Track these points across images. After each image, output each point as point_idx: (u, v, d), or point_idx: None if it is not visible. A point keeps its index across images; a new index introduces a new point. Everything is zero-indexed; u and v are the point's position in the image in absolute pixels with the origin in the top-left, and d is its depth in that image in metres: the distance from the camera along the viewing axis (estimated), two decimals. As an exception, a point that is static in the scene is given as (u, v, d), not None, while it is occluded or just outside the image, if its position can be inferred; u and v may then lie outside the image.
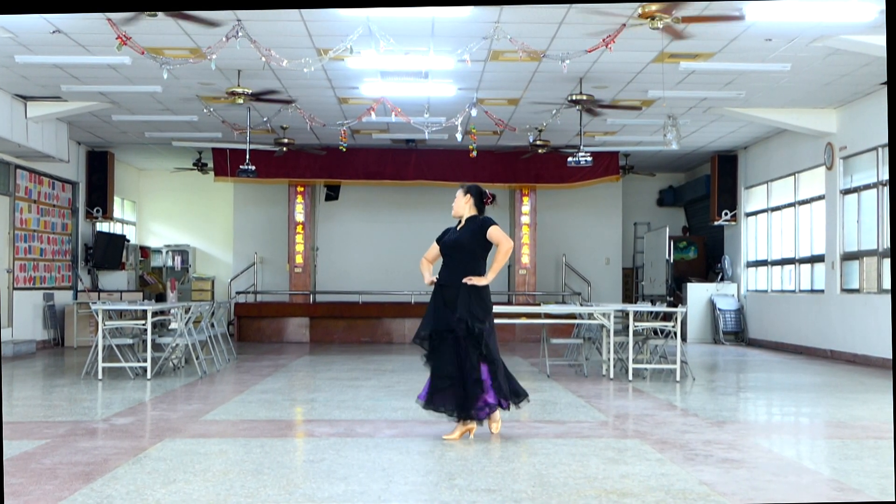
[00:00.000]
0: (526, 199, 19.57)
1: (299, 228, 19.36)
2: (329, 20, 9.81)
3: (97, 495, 5.05)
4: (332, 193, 20.31)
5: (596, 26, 9.69)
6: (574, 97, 12.64)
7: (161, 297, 18.99)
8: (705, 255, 20.69)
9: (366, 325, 18.42)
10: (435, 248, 7.20)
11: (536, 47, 10.19)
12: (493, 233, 6.95)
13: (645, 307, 11.95)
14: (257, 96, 12.47)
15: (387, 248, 20.58)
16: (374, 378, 11.20)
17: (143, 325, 11.00)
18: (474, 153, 15.25)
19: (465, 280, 6.84)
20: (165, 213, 22.22)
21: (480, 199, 7.17)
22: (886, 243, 12.99)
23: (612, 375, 11.10)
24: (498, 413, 6.99)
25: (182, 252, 21.85)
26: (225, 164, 17.71)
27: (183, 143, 17.58)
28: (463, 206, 7.16)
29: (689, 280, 19.44)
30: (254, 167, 14.63)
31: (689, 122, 15.40)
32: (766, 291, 17.65)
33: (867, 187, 13.63)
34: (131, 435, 7.06)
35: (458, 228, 7.14)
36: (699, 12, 9.26)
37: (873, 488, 5.34)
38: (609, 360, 11.17)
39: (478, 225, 7.04)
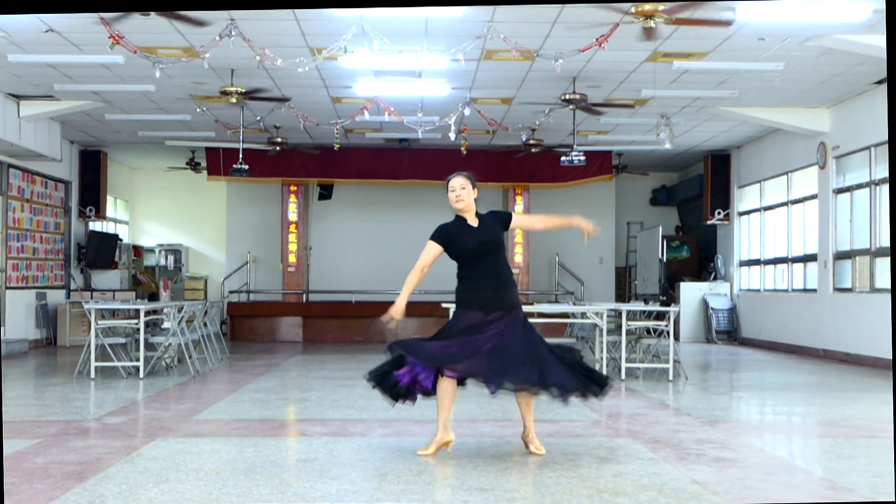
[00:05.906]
0: (519, 199, 19.59)
1: (292, 228, 19.35)
2: (323, 20, 9.80)
3: (89, 494, 5.04)
4: (326, 193, 20.29)
5: (589, 28, 9.69)
6: (567, 96, 12.63)
7: (154, 297, 18.96)
8: (698, 255, 20.71)
9: (359, 325, 18.40)
10: (435, 253, 6.16)
11: (530, 47, 10.20)
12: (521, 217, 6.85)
13: (638, 306, 11.96)
14: (250, 95, 12.46)
15: (380, 247, 20.58)
16: (367, 377, 11.16)
17: (136, 324, 10.99)
18: (465, 147, 15.22)
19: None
20: (158, 213, 22.17)
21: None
22: (879, 243, 13.02)
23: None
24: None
25: (175, 251, 21.80)
26: (218, 163, 17.69)
27: (176, 143, 17.58)
28: (471, 197, 6.25)
29: (682, 279, 19.46)
30: (247, 166, 14.62)
31: (682, 122, 15.42)
32: (758, 291, 17.68)
33: (860, 186, 13.66)
34: (124, 434, 7.05)
35: (472, 225, 6.16)
36: (690, 14, 9.26)
37: (865, 487, 5.35)
38: (602, 359, 11.17)
39: (499, 217, 6.31)
